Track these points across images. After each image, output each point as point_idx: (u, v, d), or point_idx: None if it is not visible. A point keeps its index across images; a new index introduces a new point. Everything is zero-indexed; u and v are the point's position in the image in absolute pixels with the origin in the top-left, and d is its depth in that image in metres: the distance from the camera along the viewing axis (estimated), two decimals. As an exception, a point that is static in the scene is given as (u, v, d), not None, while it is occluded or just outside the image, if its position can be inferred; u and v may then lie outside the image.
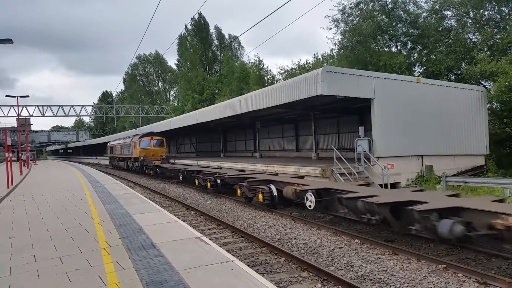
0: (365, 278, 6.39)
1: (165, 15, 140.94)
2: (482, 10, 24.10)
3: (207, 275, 5.21)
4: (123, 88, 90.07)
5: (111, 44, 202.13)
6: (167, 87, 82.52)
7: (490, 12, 24.35)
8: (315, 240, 8.83)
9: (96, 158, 72.91)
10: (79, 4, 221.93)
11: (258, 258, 7.63)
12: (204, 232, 9.66)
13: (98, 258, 6.16)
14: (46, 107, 50.52)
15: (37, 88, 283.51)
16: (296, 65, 36.48)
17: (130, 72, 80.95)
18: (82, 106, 54.92)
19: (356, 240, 8.64)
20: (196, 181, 18.56)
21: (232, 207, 14.04)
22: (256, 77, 39.96)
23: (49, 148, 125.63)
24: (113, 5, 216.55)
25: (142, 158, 31.69)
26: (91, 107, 65.28)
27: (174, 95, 78.73)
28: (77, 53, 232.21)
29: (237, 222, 11.31)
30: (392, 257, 7.39)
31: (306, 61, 36.75)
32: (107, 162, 61.89)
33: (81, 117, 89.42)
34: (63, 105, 51.98)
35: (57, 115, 51.10)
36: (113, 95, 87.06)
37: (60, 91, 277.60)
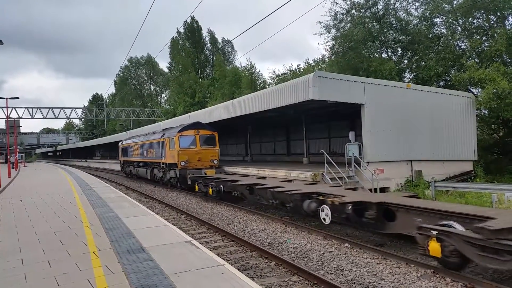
0: (354, 282, 6.43)
1: (156, 18, 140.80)
2: (471, 18, 24.52)
3: (197, 279, 5.19)
4: (114, 91, 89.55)
5: (99, 46, 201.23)
6: (158, 90, 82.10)
7: (479, 20, 24.79)
8: (306, 244, 8.86)
9: (86, 161, 72.22)
10: (65, 6, 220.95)
11: (248, 262, 7.63)
12: (195, 236, 9.63)
13: (87, 262, 6.10)
14: (36, 109, 50.04)
15: (26, 89, 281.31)
16: (287, 70, 36.69)
17: (121, 74, 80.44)
18: (72, 108, 54.59)
19: (346, 244, 8.69)
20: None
21: (222, 211, 14.01)
22: (248, 81, 40.01)
23: (38, 151, 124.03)
24: (100, 7, 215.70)
25: (182, 164, 20.27)
26: (81, 110, 64.78)
27: (165, 98, 78.49)
28: (65, 55, 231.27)
29: (227, 226, 11.29)
30: (382, 262, 7.45)
31: (297, 66, 36.98)
32: (97, 165, 61.26)
33: (71, 119, 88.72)
34: (53, 107, 51.57)
35: (47, 117, 50.60)
36: (104, 97, 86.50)
37: (49, 93, 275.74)
